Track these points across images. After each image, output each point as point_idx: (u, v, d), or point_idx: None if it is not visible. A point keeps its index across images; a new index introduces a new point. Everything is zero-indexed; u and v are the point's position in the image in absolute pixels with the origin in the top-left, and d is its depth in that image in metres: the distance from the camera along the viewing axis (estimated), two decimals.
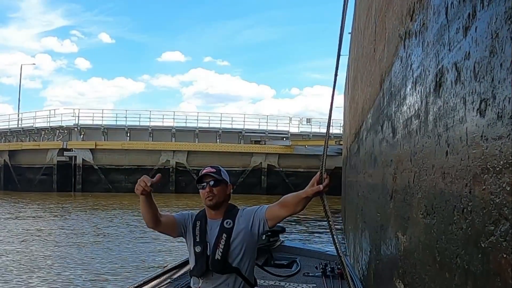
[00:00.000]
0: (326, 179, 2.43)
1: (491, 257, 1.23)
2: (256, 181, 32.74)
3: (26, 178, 33.03)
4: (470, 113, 1.43)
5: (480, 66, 1.34)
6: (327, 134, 2.73)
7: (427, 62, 2.08)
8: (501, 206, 1.16)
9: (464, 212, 1.48)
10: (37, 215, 18.54)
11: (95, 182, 32.46)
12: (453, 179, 1.62)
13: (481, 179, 1.31)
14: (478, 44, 1.37)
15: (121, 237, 13.06)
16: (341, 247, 2.48)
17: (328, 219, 2.42)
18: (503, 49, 1.16)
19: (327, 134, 2.73)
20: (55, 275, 8.63)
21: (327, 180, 2.43)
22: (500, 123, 1.17)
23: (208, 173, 2.64)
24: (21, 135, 37.09)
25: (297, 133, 37.53)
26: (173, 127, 36.25)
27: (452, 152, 1.63)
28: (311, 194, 2.46)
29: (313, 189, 2.44)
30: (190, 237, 2.68)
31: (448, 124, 1.69)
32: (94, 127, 35.88)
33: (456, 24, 1.60)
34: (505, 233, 1.14)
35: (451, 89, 1.65)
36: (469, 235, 1.43)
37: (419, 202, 2.23)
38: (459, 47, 1.56)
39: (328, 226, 2.45)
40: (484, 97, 1.30)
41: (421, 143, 2.21)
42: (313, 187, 2.45)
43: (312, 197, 2.49)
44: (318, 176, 2.44)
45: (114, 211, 20.10)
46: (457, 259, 1.54)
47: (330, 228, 2.44)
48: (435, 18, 1.94)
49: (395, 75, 3.17)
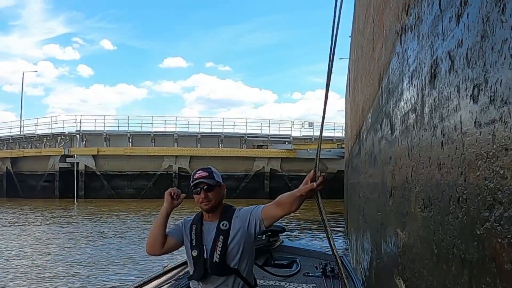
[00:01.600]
0: (320, 177, 2.41)
1: (486, 243, 1.21)
2: (259, 186, 32.73)
3: (28, 185, 33.04)
4: (463, 100, 1.42)
5: (472, 52, 1.33)
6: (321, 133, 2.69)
7: (422, 54, 2.07)
8: (495, 191, 1.15)
9: (459, 201, 1.46)
10: (41, 222, 18.54)
11: (98, 188, 32.47)
12: (448, 169, 1.61)
13: (476, 166, 1.30)
14: (470, 30, 1.36)
15: (121, 244, 13.04)
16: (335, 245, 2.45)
17: (322, 218, 2.41)
18: (494, 32, 1.15)
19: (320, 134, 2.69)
20: (56, 277, 8.63)
21: (320, 178, 2.41)
22: (492, 107, 1.16)
23: (201, 179, 2.61)
24: (23, 142, 37.16)
25: (299, 137, 37.51)
26: (175, 132, 36.25)
27: (447, 142, 1.62)
28: (305, 192, 2.44)
29: (307, 187, 2.42)
30: (187, 242, 2.67)
31: (443, 114, 1.68)
32: (96, 133, 35.92)
33: (449, 12, 1.59)
34: (500, 218, 1.12)
35: (445, 79, 1.64)
36: (464, 223, 1.41)
37: (416, 196, 2.22)
38: (452, 36, 1.55)
39: (323, 225, 2.43)
40: (477, 82, 1.28)
41: (418, 136, 2.19)
42: (306, 185, 2.44)
43: (306, 196, 2.47)
44: (312, 175, 2.43)
45: (117, 217, 20.08)
46: (454, 249, 1.52)
47: (325, 227, 2.42)
48: (429, 9, 1.93)
49: (393, 72, 3.16)
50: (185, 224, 2.72)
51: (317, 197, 2.45)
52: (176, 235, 2.70)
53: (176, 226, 2.74)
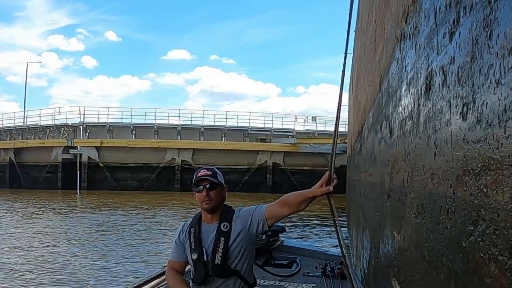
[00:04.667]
0: (335, 180, 2.36)
1: (471, 256, 1.27)
2: (262, 180, 32.78)
3: (31, 176, 33.21)
4: (454, 116, 1.47)
5: (463, 71, 1.38)
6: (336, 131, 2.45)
7: (419, 64, 2.12)
8: (479, 207, 1.21)
9: (449, 212, 1.52)
10: (44, 213, 18.68)
11: (101, 180, 32.61)
12: (440, 180, 1.66)
13: (463, 181, 1.36)
14: (461, 49, 1.41)
15: (123, 237, 13.14)
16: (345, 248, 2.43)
17: (334, 219, 2.37)
18: (482, 55, 1.20)
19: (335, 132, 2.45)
20: (58, 274, 8.73)
21: (335, 181, 2.36)
22: (478, 127, 1.22)
23: (204, 177, 2.61)
24: (26, 133, 37.27)
25: (303, 131, 37.48)
26: (179, 125, 36.31)
27: (439, 154, 1.67)
28: (319, 195, 2.40)
29: (323, 190, 2.37)
30: (187, 246, 2.66)
31: (436, 126, 1.73)
32: (99, 125, 36.00)
33: (443, 28, 1.64)
34: (482, 233, 1.18)
35: (439, 92, 1.69)
36: (452, 234, 1.47)
37: (411, 201, 2.27)
38: (445, 51, 1.60)
39: (334, 226, 2.40)
40: (466, 101, 1.34)
41: (414, 143, 2.25)
42: (322, 187, 2.38)
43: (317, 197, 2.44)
44: (327, 177, 2.37)
45: (119, 210, 20.19)
46: (443, 258, 1.58)
47: (336, 228, 2.38)
48: (425, 21, 1.98)
49: (392, 76, 3.21)
50: (183, 230, 2.72)
51: (329, 199, 2.40)
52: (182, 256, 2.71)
53: (176, 245, 2.73)
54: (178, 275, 2.71)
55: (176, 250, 2.73)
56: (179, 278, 2.70)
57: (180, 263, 2.73)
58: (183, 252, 2.70)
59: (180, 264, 2.74)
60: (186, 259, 2.69)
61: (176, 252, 2.73)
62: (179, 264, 2.74)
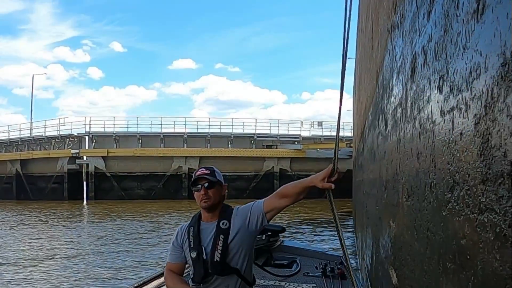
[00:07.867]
0: (336, 173, 2.30)
1: (450, 224, 1.30)
2: (269, 186, 32.64)
3: (37, 187, 33.24)
4: (433, 91, 1.51)
5: (438, 45, 1.42)
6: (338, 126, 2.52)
7: (406, 50, 2.16)
8: (454, 173, 1.24)
9: (431, 186, 1.55)
10: (51, 223, 18.78)
11: (108, 189, 32.66)
12: (424, 158, 1.69)
13: (441, 152, 1.39)
14: (436, 25, 1.45)
15: (126, 242, 13.19)
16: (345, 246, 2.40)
17: (334, 217, 2.34)
18: (452, 26, 1.24)
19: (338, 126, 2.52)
20: (60, 276, 8.79)
21: (337, 175, 2.31)
22: (451, 96, 1.25)
23: (202, 175, 2.63)
24: (32, 144, 37.46)
25: (309, 136, 37.49)
26: (185, 133, 36.38)
27: (423, 132, 1.71)
28: (319, 186, 2.33)
29: (324, 185, 2.30)
30: (186, 245, 2.67)
31: (420, 106, 1.77)
32: (105, 135, 36.07)
33: (423, 9, 1.69)
34: (457, 197, 1.21)
35: (421, 72, 1.73)
36: (434, 207, 1.50)
37: (403, 186, 2.30)
38: (425, 31, 1.64)
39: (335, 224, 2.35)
40: (442, 73, 1.38)
41: (403, 130, 2.28)
42: (323, 181, 2.32)
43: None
44: (330, 169, 2.31)
45: (127, 218, 20.25)
46: (428, 233, 1.61)
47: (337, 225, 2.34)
48: (410, 7, 2.02)
49: (386, 69, 3.25)
50: (181, 232, 2.73)
51: (329, 197, 2.35)
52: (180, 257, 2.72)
53: (173, 247, 2.75)
54: (177, 275, 2.72)
55: (173, 252, 2.74)
56: (178, 278, 2.71)
57: (178, 265, 2.74)
58: (180, 254, 2.70)
59: (178, 266, 2.75)
60: (184, 260, 2.71)
61: (173, 254, 2.74)
62: (176, 266, 2.74)
